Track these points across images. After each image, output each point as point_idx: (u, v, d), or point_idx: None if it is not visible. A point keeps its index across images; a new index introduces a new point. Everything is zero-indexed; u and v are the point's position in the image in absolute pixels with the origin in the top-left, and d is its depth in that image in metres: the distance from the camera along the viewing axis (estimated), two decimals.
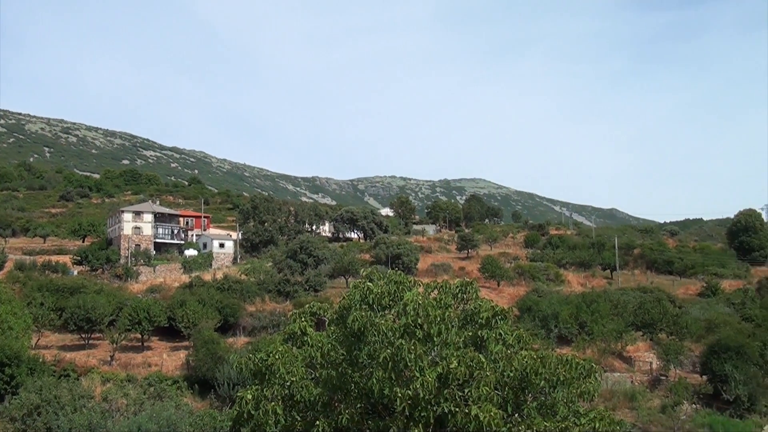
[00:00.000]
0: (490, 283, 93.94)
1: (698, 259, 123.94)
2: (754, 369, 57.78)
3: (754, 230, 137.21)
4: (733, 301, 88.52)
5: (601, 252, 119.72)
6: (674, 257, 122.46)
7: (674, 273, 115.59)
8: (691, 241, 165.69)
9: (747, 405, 54.86)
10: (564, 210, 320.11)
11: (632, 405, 55.06)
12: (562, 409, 15.95)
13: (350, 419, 15.64)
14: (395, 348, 14.85)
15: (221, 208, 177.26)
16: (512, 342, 16.95)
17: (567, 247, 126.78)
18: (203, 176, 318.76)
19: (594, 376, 16.33)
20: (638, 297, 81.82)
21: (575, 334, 67.21)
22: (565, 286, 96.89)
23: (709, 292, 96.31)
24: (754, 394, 55.52)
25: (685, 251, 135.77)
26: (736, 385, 54.61)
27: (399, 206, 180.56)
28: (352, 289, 17.65)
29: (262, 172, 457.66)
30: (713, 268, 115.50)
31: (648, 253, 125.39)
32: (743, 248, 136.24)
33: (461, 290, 18.31)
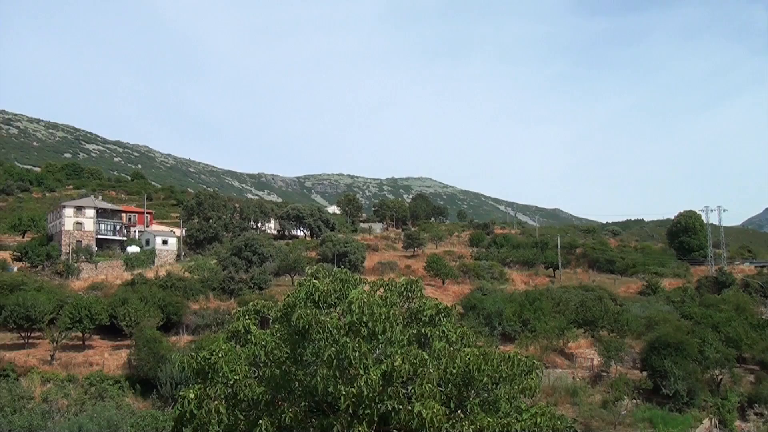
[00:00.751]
0: (436, 281, 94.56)
1: (639, 259, 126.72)
2: (693, 365, 59.31)
3: (694, 231, 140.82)
4: (673, 300, 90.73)
5: (544, 251, 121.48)
6: (616, 256, 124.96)
7: (615, 272, 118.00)
8: (632, 240, 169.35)
9: (686, 400, 56.30)
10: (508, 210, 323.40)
11: (574, 400, 56.02)
12: (505, 405, 16.18)
13: (294, 418, 15.60)
14: (340, 346, 14.87)
15: (165, 204, 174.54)
16: (456, 339, 17.12)
17: (511, 246, 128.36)
18: (147, 171, 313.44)
19: (535, 373, 16.57)
20: (580, 295, 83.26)
21: (518, 332, 68.03)
22: (509, 284, 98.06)
23: (650, 291, 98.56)
24: (692, 389, 57.00)
25: (627, 251, 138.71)
26: (676, 380, 55.99)
27: (346, 204, 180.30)
28: (297, 286, 17.60)
29: (207, 168, 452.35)
30: (654, 267, 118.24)
31: (590, 253, 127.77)
32: (683, 248, 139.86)
33: (406, 288, 18.41)
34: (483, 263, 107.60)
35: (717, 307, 79.94)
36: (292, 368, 16.24)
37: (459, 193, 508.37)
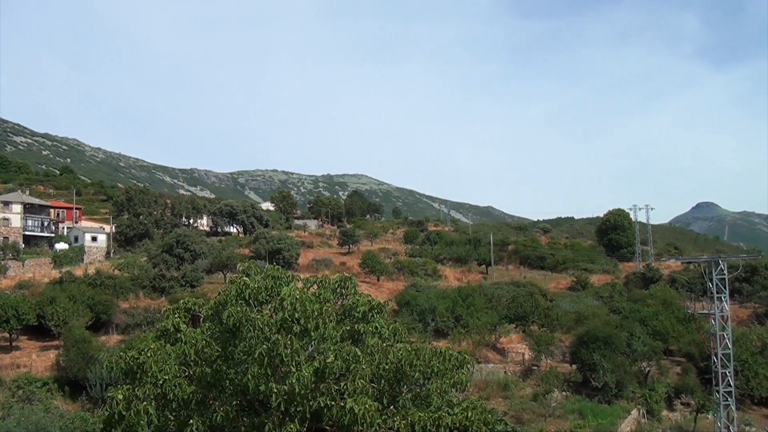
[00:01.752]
0: (370, 278, 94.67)
1: (569, 255, 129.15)
2: (621, 358, 60.80)
3: (622, 228, 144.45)
4: (602, 295, 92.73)
5: (477, 248, 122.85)
6: (546, 253, 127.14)
7: (546, 268, 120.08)
8: (563, 238, 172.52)
9: (615, 391, 57.68)
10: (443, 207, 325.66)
11: (505, 394, 56.85)
12: (436, 399, 16.31)
13: (225, 417, 15.44)
14: (271, 343, 14.77)
15: (94, 199, 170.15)
16: (388, 335, 17.19)
17: (445, 243, 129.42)
18: (76, 165, 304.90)
19: (466, 367, 16.77)
20: (512, 291, 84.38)
21: (451, 327, 68.66)
22: (443, 280, 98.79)
23: (579, 286, 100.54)
24: (621, 381, 58.41)
25: (557, 248, 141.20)
26: (604, 373, 57.29)
27: (280, 201, 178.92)
28: (229, 284, 17.40)
29: (138, 163, 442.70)
30: (583, 263, 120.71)
31: (521, 250, 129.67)
32: (612, 245, 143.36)
33: (340, 285, 18.40)
34: (417, 260, 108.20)
35: (644, 302, 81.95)
36: (223, 367, 16.05)
37: (394, 190, 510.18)
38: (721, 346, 47.38)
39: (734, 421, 47.98)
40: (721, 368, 47.31)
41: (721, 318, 48.07)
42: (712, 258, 50.67)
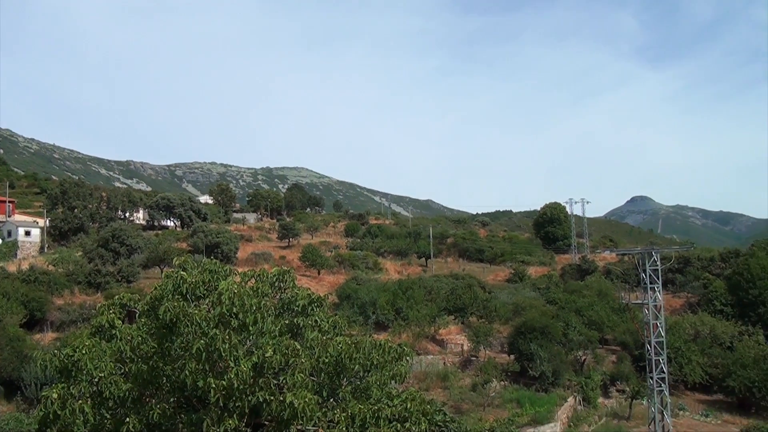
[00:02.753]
0: (311, 271, 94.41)
1: (507, 248, 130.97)
2: (558, 347, 62.00)
3: (559, 221, 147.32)
4: (539, 286, 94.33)
5: (417, 241, 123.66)
6: (485, 246, 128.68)
7: (485, 260, 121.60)
8: (501, 231, 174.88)
9: (551, 380, 58.79)
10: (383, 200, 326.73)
11: (445, 384, 57.45)
12: (376, 391, 16.34)
13: (162, 414, 15.18)
14: (209, 338, 14.56)
15: (27, 192, 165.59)
16: (328, 328, 17.16)
17: (385, 236, 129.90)
18: (8, 157, 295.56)
19: (405, 359, 16.83)
20: (451, 283, 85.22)
21: (392, 320, 69.02)
22: (383, 273, 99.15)
23: (517, 278, 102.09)
24: (557, 369, 59.57)
25: (495, 240, 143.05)
26: (541, 362, 58.35)
27: (219, 194, 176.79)
28: (165, 278, 17.10)
29: (72, 155, 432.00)
30: (521, 256, 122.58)
31: (461, 242, 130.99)
32: (548, 238, 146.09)
33: (278, 279, 18.27)
34: (358, 253, 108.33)
35: (580, 292, 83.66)
36: (160, 363, 15.77)
37: (335, 183, 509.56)
38: (654, 334, 48.61)
39: (668, 406, 49.33)
40: (655, 356, 48.55)
41: (655, 307, 49.29)
42: (646, 250, 51.90)
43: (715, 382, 67.98)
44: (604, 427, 58.58)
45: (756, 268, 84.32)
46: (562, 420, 54.72)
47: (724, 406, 66.22)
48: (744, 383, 63.67)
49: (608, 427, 58.47)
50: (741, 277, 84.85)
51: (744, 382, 63.70)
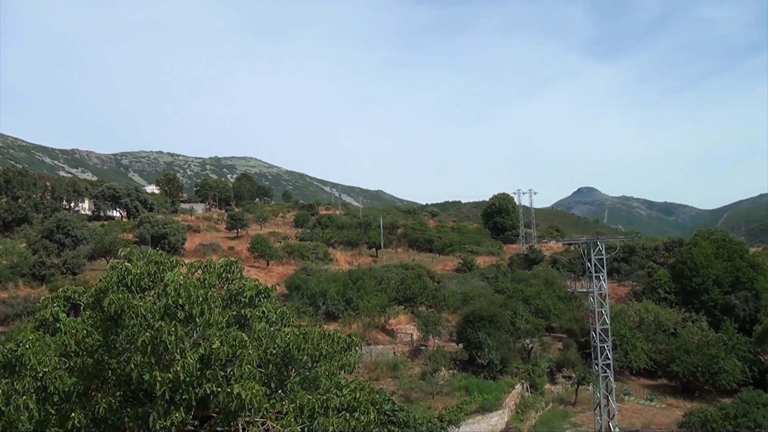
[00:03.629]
0: (260, 262, 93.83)
1: (456, 238, 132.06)
2: (506, 336, 62.79)
3: (507, 212, 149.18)
4: (487, 276, 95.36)
5: (367, 231, 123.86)
6: (434, 236, 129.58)
7: (434, 251, 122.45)
8: (450, 221, 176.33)
9: (499, 368, 59.52)
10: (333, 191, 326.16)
11: (395, 374, 57.75)
12: (325, 381, 16.36)
13: (108, 408, 14.95)
14: (155, 331, 14.36)
15: None
16: (276, 319, 17.06)
17: (336, 226, 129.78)
18: None
19: (354, 349, 16.87)
20: (401, 273, 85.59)
21: (342, 310, 69.01)
22: (333, 264, 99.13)
23: (466, 268, 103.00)
24: (505, 357, 60.33)
25: (444, 231, 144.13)
26: (489, 350, 59.02)
27: (166, 183, 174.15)
28: (110, 270, 16.81)
29: (15, 143, 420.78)
30: (469, 246, 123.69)
31: (410, 233, 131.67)
32: (497, 228, 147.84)
33: (225, 269, 18.10)
34: (308, 244, 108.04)
35: (528, 282, 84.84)
36: (105, 356, 15.51)
37: (284, 173, 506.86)
38: (599, 322, 49.52)
39: (613, 392, 50.36)
40: (600, 343, 49.47)
41: (600, 296, 50.19)
42: (591, 239, 52.78)
43: (660, 368, 69.84)
44: (550, 412, 59.62)
45: (699, 257, 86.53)
46: (509, 407, 55.49)
47: (668, 390, 68.00)
48: (688, 368, 65.50)
49: (555, 413, 59.53)
50: (684, 266, 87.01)
51: (688, 367, 65.53)
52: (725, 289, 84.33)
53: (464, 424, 48.97)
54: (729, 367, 64.89)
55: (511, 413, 55.29)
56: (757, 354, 69.09)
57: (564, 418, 58.15)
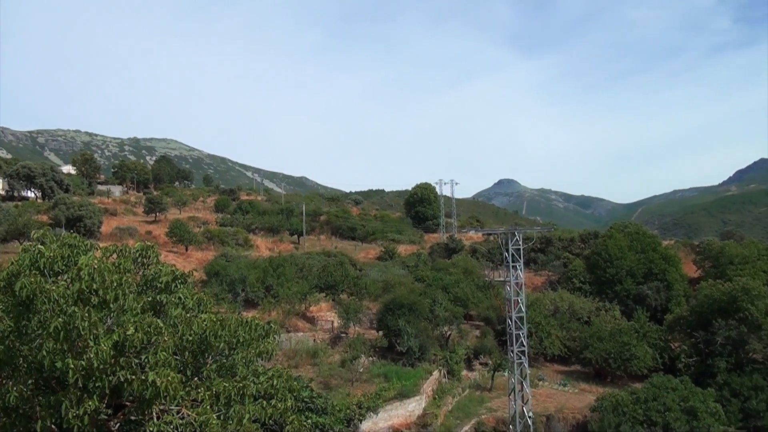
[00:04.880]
0: (179, 247, 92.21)
1: (378, 226, 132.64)
2: (425, 323, 63.52)
3: (429, 202, 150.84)
4: (408, 264, 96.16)
5: (289, 218, 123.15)
6: (357, 224, 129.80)
7: (357, 238, 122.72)
8: (373, 209, 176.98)
9: (418, 355, 60.23)
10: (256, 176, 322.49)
11: (314, 361, 57.79)
12: (242, 369, 16.33)
13: (19, 397, 14.61)
14: (68, 316, 14.07)
15: None
16: (192, 306, 16.91)
17: (257, 212, 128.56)
18: None
19: (272, 336, 16.88)
20: (323, 261, 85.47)
21: (262, 297, 68.52)
22: (254, 250, 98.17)
23: (387, 256, 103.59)
24: (424, 345, 61.07)
25: (367, 219, 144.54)
26: (409, 338, 59.62)
27: (82, 164, 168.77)
28: (22, 253, 16.35)
29: None
30: (391, 234, 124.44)
31: (333, 220, 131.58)
32: (419, 217, 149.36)
33: (141, 254, 17.82)
34: (228, 229, 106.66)
35: (447, 270, 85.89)
36: (16, 343, 15.13)
37: (206, 157, 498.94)
38: (515, 310, 50.63)
39: (527, 377, 51.65)
40: (516, 330, 50.60)
41: (516, 285, 51.27)
42: (509, 230, 53.82)
43: (573, 355, 72.06)
44: (467, 398, 60.81)
45: (613, 248, 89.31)
46: (427, 393, 56.27)
47: (581, 376, 70.22)
48: (600, 355, 67.83)
49: (471, 398, 60.73)
50: (599, 257, 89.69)
51: (600, 353, 67.85)
52: (638, 280, 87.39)
53: (382, 411, 49.52)
54: (640, 353, 67.49)
55: (428, 399, 56.09)
56: (668, 341, 72.01)
57: (480, 404, 59.38)
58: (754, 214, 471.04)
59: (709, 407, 51.45)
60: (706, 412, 50.49)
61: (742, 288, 66.11)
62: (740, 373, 61.40)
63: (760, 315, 63.61)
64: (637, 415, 50.06)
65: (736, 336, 63.71)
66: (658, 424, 49.17)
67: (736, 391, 59.40)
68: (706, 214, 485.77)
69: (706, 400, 52.15)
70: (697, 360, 66.68)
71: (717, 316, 65.90)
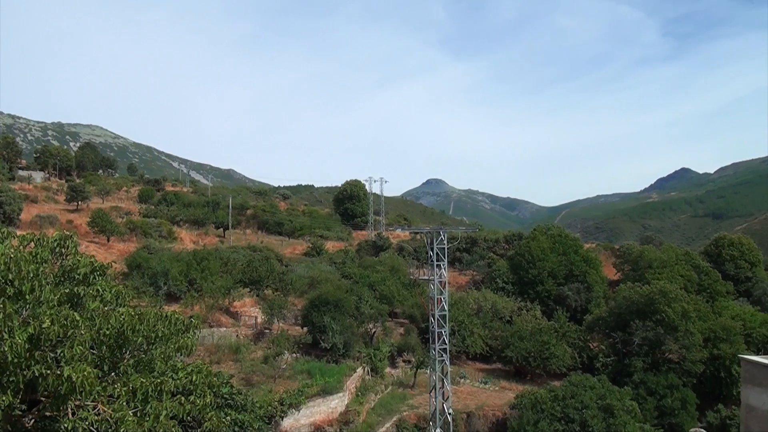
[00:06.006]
0: (100, 238, 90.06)
1: (306, 222, 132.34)
2: (350, 320, 63.68)
3: (358, 199, 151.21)
4: (335, 261, 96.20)
5: (215, 211, 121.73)
6: (285, 219, 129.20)
7: (284, 233, 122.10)
8: (302, 205, 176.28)
9: (342, 352, 60.33)
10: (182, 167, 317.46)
11: (237, 357, 57.24)
12: (160, 364, 16.03)
13: None
14: None
15: None
16: (111, 299, 16.52)
17: (182, 204, 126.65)
18: None
19: (193, 331, 16.63)
20: (248, 255, 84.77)
21: (185, 291, 67.51)
22: (178, 243, 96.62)
23: (315, 252, 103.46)
24: (348, 341, 61.22)
25: (295, 214, 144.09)
26: (333, 334, 59.67)
27: (3, 148, 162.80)
28: None
29: None
30: (319, 230, 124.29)
31: (261, 214, 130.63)
32: (347, 214, 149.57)
33: (59, 244, 17.34)
34: (152, 221, 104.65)
35: (374, 268, 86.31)
36: None
37: (131, 145, 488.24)
38: (438, 308, 51.19)
39: (448, 375, 52.32)
40: (438, 328, 51.18)
41: (440, 283, 51.85)
42: (435, 229, 54.33)
43: (495, 353, 73.33)
44: (389, 395, 61.22)
45: (536, 250, 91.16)
46: (350, 390, 56.40)
47: (502, 374, 71.53)
48: (521, 353, 69.22)
49: (393, 395, 61.16)
50: (522, 258, 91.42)
51: (521, 352, 69.24)
52: (559, 281, 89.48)
53: (304, 408, 49.41)
54: (559, 352, 69.17)
55: (351, 396, 56.23)
56: (586, 341, 74.04)
57: (402, 401, 59.85)
58: (673, 220, 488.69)
59: (626, 405, 53.11)
60: (623, 410, 52.07)
61: (659, 291, 68.46)
62: (656, 373, 63.62)
63: (676, 317, 65.96)
64: (555, 413, 51.22)
65: (652, 337, 65.92)
66: (575, 421, 50.42)
67: (652, 389, 61.53)
68: (628, 219, 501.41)
69: (623, 398, 53.81)
70: (615, 359, 68.69)
71: (635, 318, 68.10)
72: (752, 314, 77.61)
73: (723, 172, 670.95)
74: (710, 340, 68.20)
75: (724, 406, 63.43)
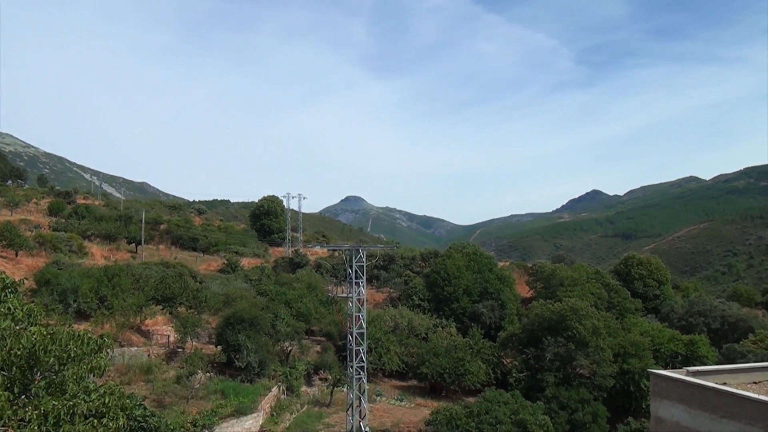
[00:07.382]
0: (8, 252, 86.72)
1: (222, 238, 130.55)
2: (266, 338, 63.10)
3: (275, 215, 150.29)
4: (251, 278, 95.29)
5: (128, 225, 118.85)
6: (199, 235, 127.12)
7: (198, 249, 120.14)
8: (217, 220, 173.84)
9: (257, 370, 59.67)
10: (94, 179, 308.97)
11: (148, 377, 55.87)
12: (72, 386, 15.60)
13: None
14: None
15: None
16: (22, 317, 16.04)
17: (94, 218, 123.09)
18: None
19: (105, 351, 16.26)
20: (161, 271, 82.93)
21: (95, 309, 65.59)
22: (89, 258, 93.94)
23: (230, 269, 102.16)
24: (264, 360, 60.60)
25: (211, 230, 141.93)
26: (248, 353, 58.97)
27: None
28: None
29: None
30: (235, 246, 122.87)
31: (174, 229, 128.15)
32: (264, 230, 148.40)
33: None
34: (62, 235, 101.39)
35: (291, 285, 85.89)
36: None
37: (42, 155, 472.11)
38: (356, 326, 51.28)
39: (365, 392, 52.32)
40: (356, 346, 51.23)
41: (358, 301, 51.98)
42: (353, 247, 54.47)
43: (411, 370, 73.93)
44: (305, 414, 60.73)
45: (452, 267, 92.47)
46: (265, 410, 55.77)
47: (417, 391, 72.08)
48: (436, 370, 70.00)
49: (309, 414, 60.72)
50: (438, 276, 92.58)
51: (436, 369, 70.03)
52: (474, 298, 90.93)
53: (218, 428, 48.56)
54: (474, 369, 70.24)
55: (266, 416, 55.59)
56: (500, 357, 75.40)
57: (318, 419, 59.48)
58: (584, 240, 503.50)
59: (538, 419, 54.26)
60: (536, 424, 53.17)
61: (570, 308, 70.30)
62: (568, 387, 65.14)
63: (586, 333, 67.79)
64: (470, 428, 51.86)
65: (564, 352, 67.56)
66: None
67: (564, 403, 62.97)
68: (540, 238, 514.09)
69: (536, 413, 55.00)
70: (528, 375, 70.08)
71: (547, 334, 69.67)
72: (660, 330, 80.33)
73: (632, 195, 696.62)
74: (620, 355, 70.27)
75: (634, 418, 65.39)
